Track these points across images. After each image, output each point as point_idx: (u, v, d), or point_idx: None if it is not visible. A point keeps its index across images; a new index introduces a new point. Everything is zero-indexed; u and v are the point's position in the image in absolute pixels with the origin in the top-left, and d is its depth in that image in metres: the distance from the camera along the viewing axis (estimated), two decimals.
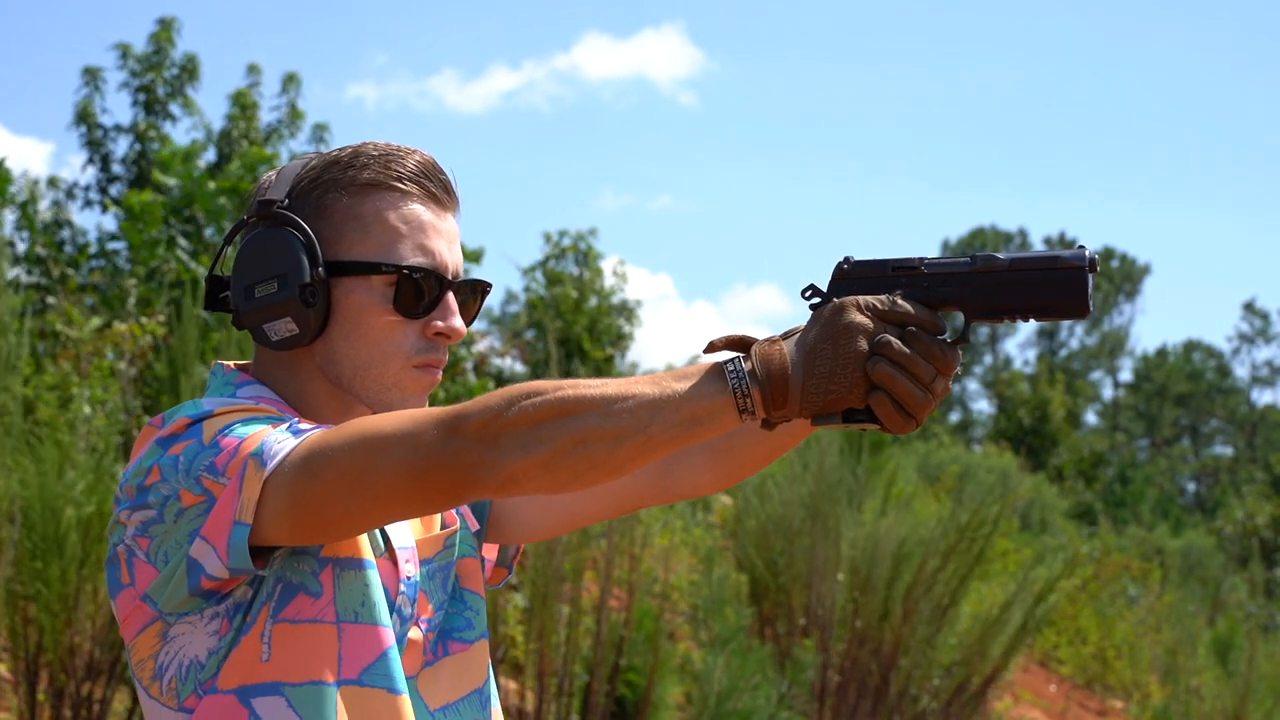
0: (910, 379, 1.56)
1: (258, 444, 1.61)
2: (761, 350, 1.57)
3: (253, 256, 1.76)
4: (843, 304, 1.58)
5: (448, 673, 1.81)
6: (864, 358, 1.56)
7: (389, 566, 1.76)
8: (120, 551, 1.69)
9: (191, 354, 6.11)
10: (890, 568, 8.05)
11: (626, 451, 1.54)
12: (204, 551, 1.62)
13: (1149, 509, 29.81)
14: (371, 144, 1.81)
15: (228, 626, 1.67)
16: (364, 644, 1.70)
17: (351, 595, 1.70)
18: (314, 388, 1.79)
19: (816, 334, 1.57)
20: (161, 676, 1.69)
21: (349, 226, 1.77)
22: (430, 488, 1.57)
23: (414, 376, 1.78)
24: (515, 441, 1.53)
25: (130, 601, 1.69)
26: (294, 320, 1.74)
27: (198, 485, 1.63)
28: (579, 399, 1.53)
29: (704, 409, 1.55)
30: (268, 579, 1.68)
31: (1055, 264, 1.60)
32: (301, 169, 1.80)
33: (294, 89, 13.03)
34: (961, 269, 1.62)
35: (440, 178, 1.82)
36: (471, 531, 1.91)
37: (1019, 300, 1.61)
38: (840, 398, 1.56)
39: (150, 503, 1.65)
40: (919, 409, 1.57)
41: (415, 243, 1.77)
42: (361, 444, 1.58)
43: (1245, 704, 10.46)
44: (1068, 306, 1.60)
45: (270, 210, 1.77)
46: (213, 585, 1.65)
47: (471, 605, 1.87)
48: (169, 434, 1.67)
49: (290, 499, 1.59)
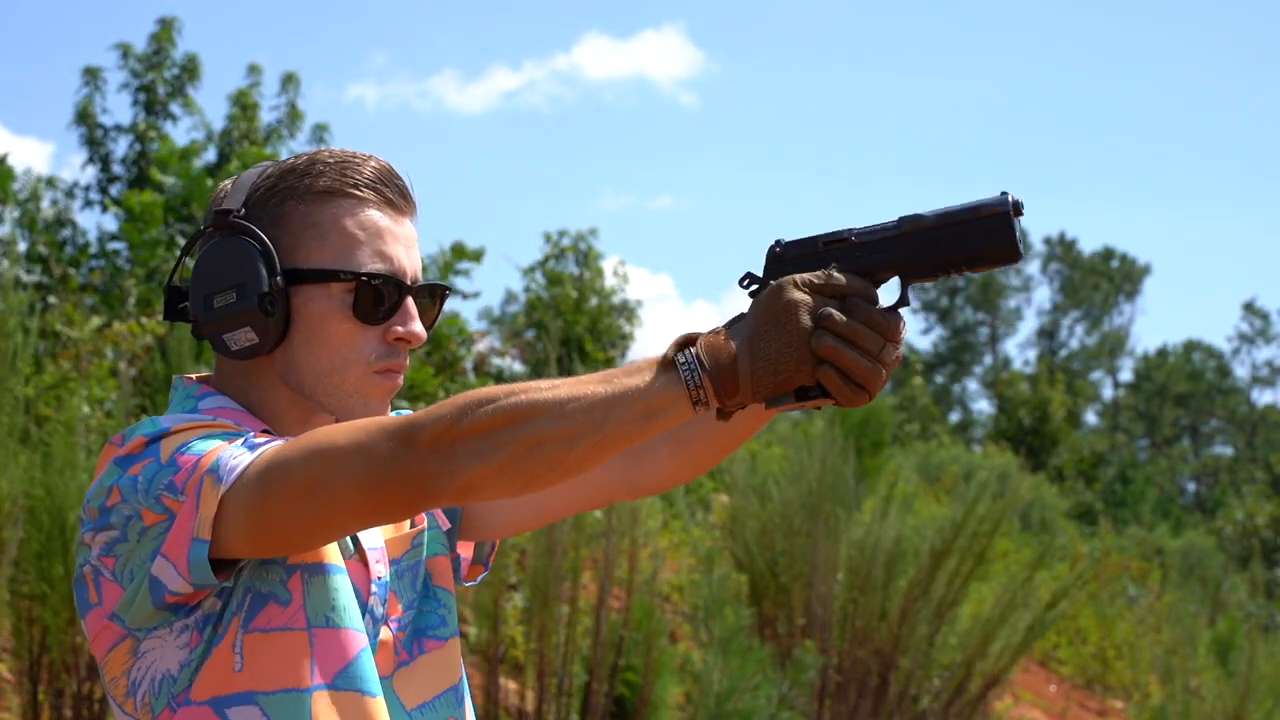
0: (855, 350, 1.56)
1: (214, 460, 1.62)
2: (707, 341, 1.57)
3: (210, 266, 1.76)
4: (780, 284, 1.58)
5: (423, 671, 1.82)
6: (807, 334, 1.56)
7: (359, 568, 1.76)
8: (87, 572, 1.69)
9: (187, 354, 6.11)
10: (889, 567, 8.05)
11: (582, 451, 1.55)
12: (164, 569, 1.63)
13: (1149, 509, 29.80)
14: (327, 151, 1.82)
15: (198, 639, 1.68)
16: (336, 648, 1.70)
17: (321, 600, 1.71)
18: (275, 395, 1.80)
19: (758, 316, 1.58)
20: (135, 693, 1.69)
21: (306, 234, 1.77)
22: (387, 499, 1.58)
23: (375, 382, 1.79)
24: (469, 450, 1.53)
25: (99, 620, 1.69)
26: (253, 329, 1.74)
27: (158, 504, 1.63)
28: (531, 404, 1.54)
29: (658, 403, 1.55)
30: (236, 589, 1.69)
31: (979, 212, 1.59)
32: (257, 178, 1.80)
33: (293, 89, 13.03)
34: (890, 233, 1.62)
35: (397, 183, 1.82)
36: (442, 530, 1.92)
37: (950, 254, 1.61)
38: (789, 377, 1.56)
39: (113, 523, 1.66)
40: (869, 379, 1.56)
41: (373, 249, 1.78)
42: (316, 457, 1.59)
43: (1245, 704, 10.45)
44: (999, 253, 1.59)
45: (227, 220, 1.77)
46: (177, 599, 1.65)
47: (444, 603, 1.88)
48: (127, 454, 1.68)
49: (248, 514, 1.60)
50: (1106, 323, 57.25)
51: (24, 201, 10.52)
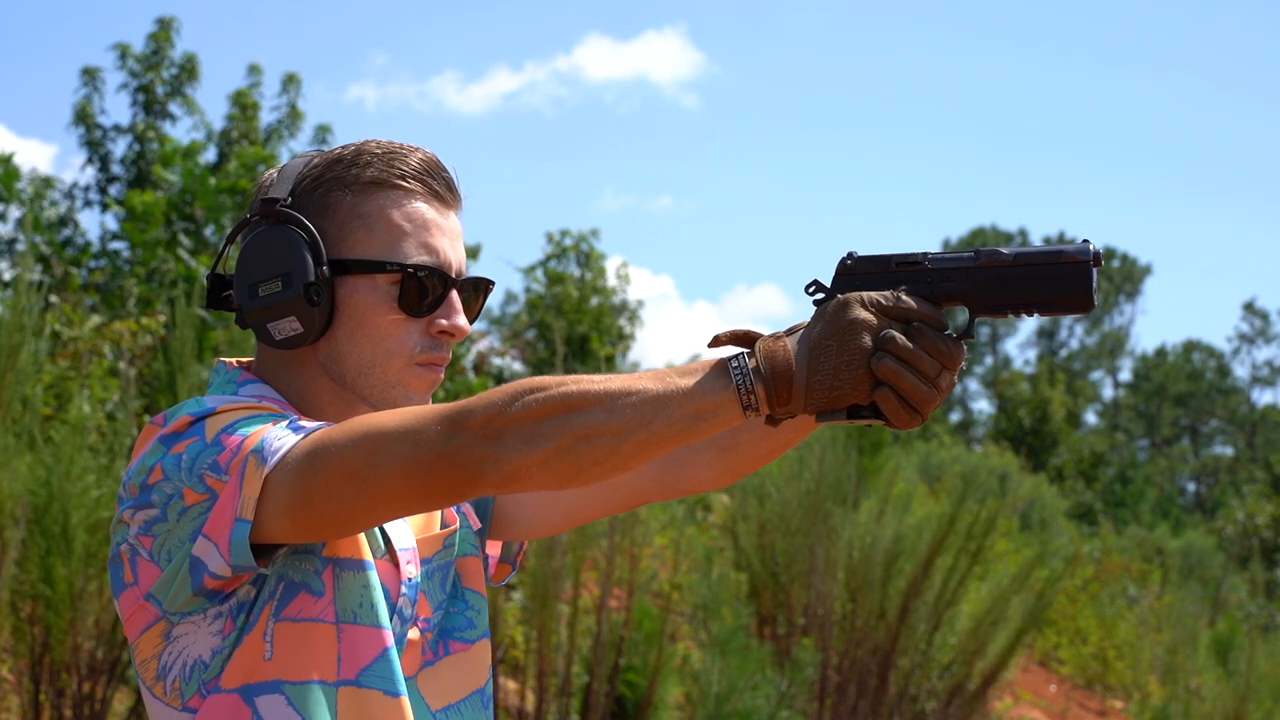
0: (915, 374, 1.55)
1: (259, 441, 1.61)
2: (766, 346, 1.56)
3: (256, 255, 1.76)
4: (847, 300, 1.57)
5: (448, 673, 1.81)
6: (868, 354, 1.55)
7: (389, 568, 1.75)
8: (124, 551, 1.68)
9: (189, 353, 6.10)
10: (887, 567, 8.05)
11: (630, 447, 1.54)
12: (206, 549, 1.62)
13: (1149, 509, 29.81)
14: (374, 142, 1.81)
15: (231, 626, 1.67)
16: (362, 645, 1.70)
17: (350, 596, 1.70)
18: (317, 386, 1.79)
19: (821, 330, 1.56)
20: (165, 676, 1.69)
21: (353, 225, 1.76)
22: (433, 483, 1.57)
23: (418, 374, 1.78)
24: (518, 437, 1.52)
25: (134, 601, 1.68)
26: (298, 319, 1.74)
27: (201, 484, 1.62)
28: (583, 394, 1.53)
29: (708, 405, 1.54)
30: (270, 578, 1.68)
31: (1059, 259, 1.59)
32: (304, 167, 1.80)
33: (294, 89, 13.03)
34: (965, 264, 1.61)
35: (443, 175, 1.81)
36: (473, 530, 1.90)
37: (1023, 295, 1.60)
38: (845, 394, 1.55)
39: (153, 501, 1.65)
40: (924, 404, 1.56)
41: (419, 241, 1.77)
42: (364, 440, 1.57)
43: (1245, 704, 10.45)
44: (1072, 301, 1.59)
45: (273, 209, 1.76)
46: (216, 585, 1.64)
47: (473, 604, 1.86)
48: (171, 432, 1.67)
49: (292, 496, 1.59)
50: (1106, 323, 57.23)
51: (28, 201, 10.53)
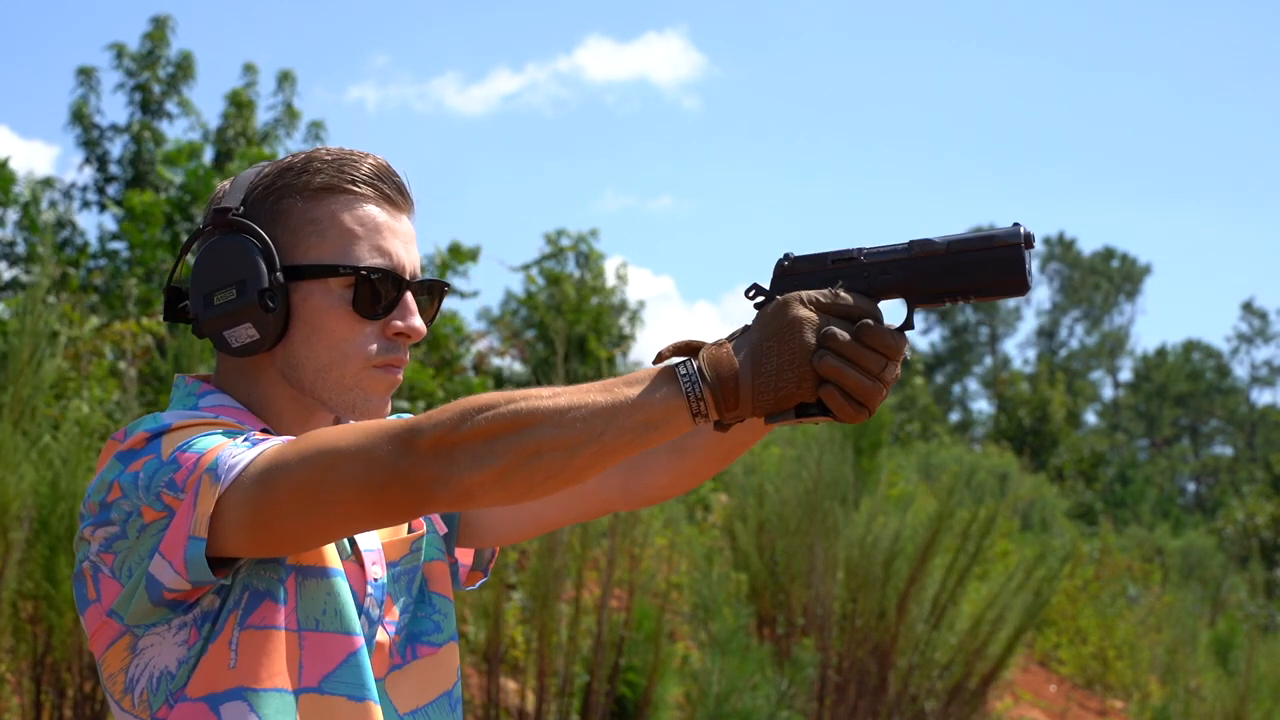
0: (857, 370, 1.56)
1: (214, 458, 1.62)
2: (709, 354, 1.57)
3: (210, 264, 1.77)
4: (785, 300, 1.58)
5: (417, 676, 1.82)
6: (810, 352, 1.56)
7: (356, 569, 1.77)
8: (86, 568, 1.70)
9: (196, 355, 6.12)
10: (887, 566, 8.05)
11: (581, 460, 1.55)
12: (161, 567, 1.63)
13: (1149, 509, 29.81)
14: (324, 149, 1.83)
15: (196, 636, 1.68)
16: (325, 651, 1.71)
17: (313, 603, 1.71)
18: (276, 393, 1.80)
19: (762, 332, 1.58)
20: (133, 689, 1.69)
21: (305, 230, 1.77)
22: (386, 502, 1.58)
23: (375, 377, 1.79)
24: (469, 455, 1.53)
25: (98, 617, 1.70)
26: (254, 326, 1.75)
27: (158, 501, 1.63)
28: (532, 411, 1.54)
29: (657, 414, 1.55)
30: (235, 586, 1.69)
31: (991, 243, 1.61)
32: (255, 176, 1.81)
33: (289, 88, 13.02)
34: (900, 255, 1.62)
35: (394, 179, 1.82)
36: (439, 535, 1.92)
37: (959, 282, 1.61)
38: (790, 394, 1.56)
39: (113, 519, 1.66)
40: (869, 398, 1.57)
41: (371, 244, 1.78)
42: (317, 459, 1.59)
43: (1245, 704, 10.45)
44: (1008, 284, 1.60)
45: (226, 218, 1.77)
46: (176, 596, 1.65)
47: (440, 608, 1.88)
48: (128, 448, 1.68)
49: (248, 514, 1.60)
50: (1106, 323, 57.25)
51: (24, 204, 10.52)
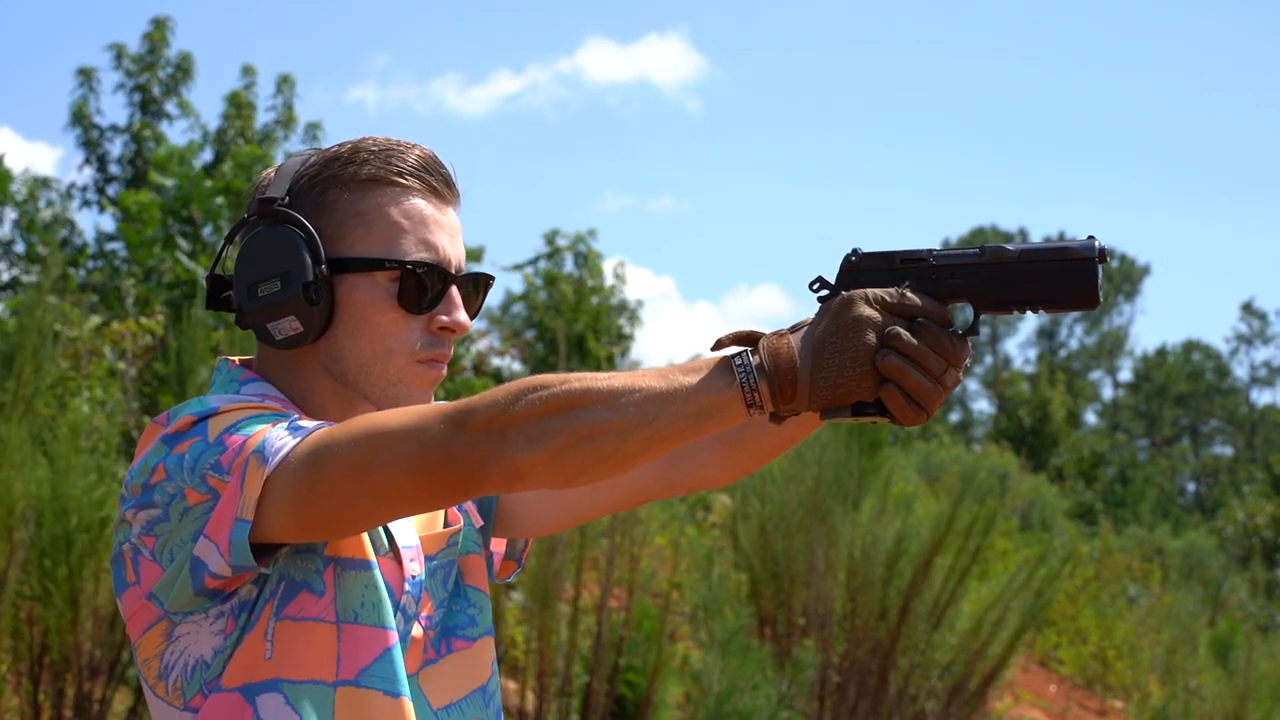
0: (920, 371, 1.54)
1: (260, 441, 1.60)
2: (769, 344, 1.55)
3: (255, 255, 1.75)
4: (851, 297, 1.56)
5: (450, 670, 1.80)
6: (873, 351, 1.54)
7: (393, 565, 1.75)
8: (125, 550, 1.68)
9: (198, 354, 6.12)
10: (888, 567, 8.05)
11: (633, 445, 1.53)
12: (207, 550, 1.62)
13: (1149, 509, 29.81)
14: (371, 139, 1.80)
15: (233, 625, 1.67)
16: (362, 645, 1.69)
17: (351, 596, 1.70)
18: (318, 385, 1.78)
19: (825, 327, 1.55)
20: (167, 676, 1.68)
21: (351, 223, 1.75)
22: (436, 483, 1.56)
23: (419, 372, 1.77)
24: (522, 435, 1.52)
25: (136, 600, 1.68)
26: (298, 318, 1.73)
27: (203, 484, 1.62)
28: (585, 392, 1.52)
29: (711, 402, 1.53)
30: (272, 577, 1.67)
31: (1065, 255, 1.58)
32: (301, 166, 1.79)
33: (288, 90, 13.01)
34: (970, 260, 1.61)
35: (441, 171, 1.80)
36: (475, 528, 1.90)
37: (1028, 292, 1.59)
38: (849, 391, 1.54)
39: (155, 501, 1.64)
40: (929, 401, 1.55)
41: (418, 238, 1.76)
42: (367, 440, 1.57)
43: (1245, 704, 10.45)
44: (1078, 297, 1.58)
45: (271, 208, 1.76)
46: (217, 584, 1.64)
47: (475, 602, 1.86)
48: (174, 432, 1.66)
49: (295, 496, 1.58)
50: (1106, 323, 57.25)
51: (22, 203, 10.52)
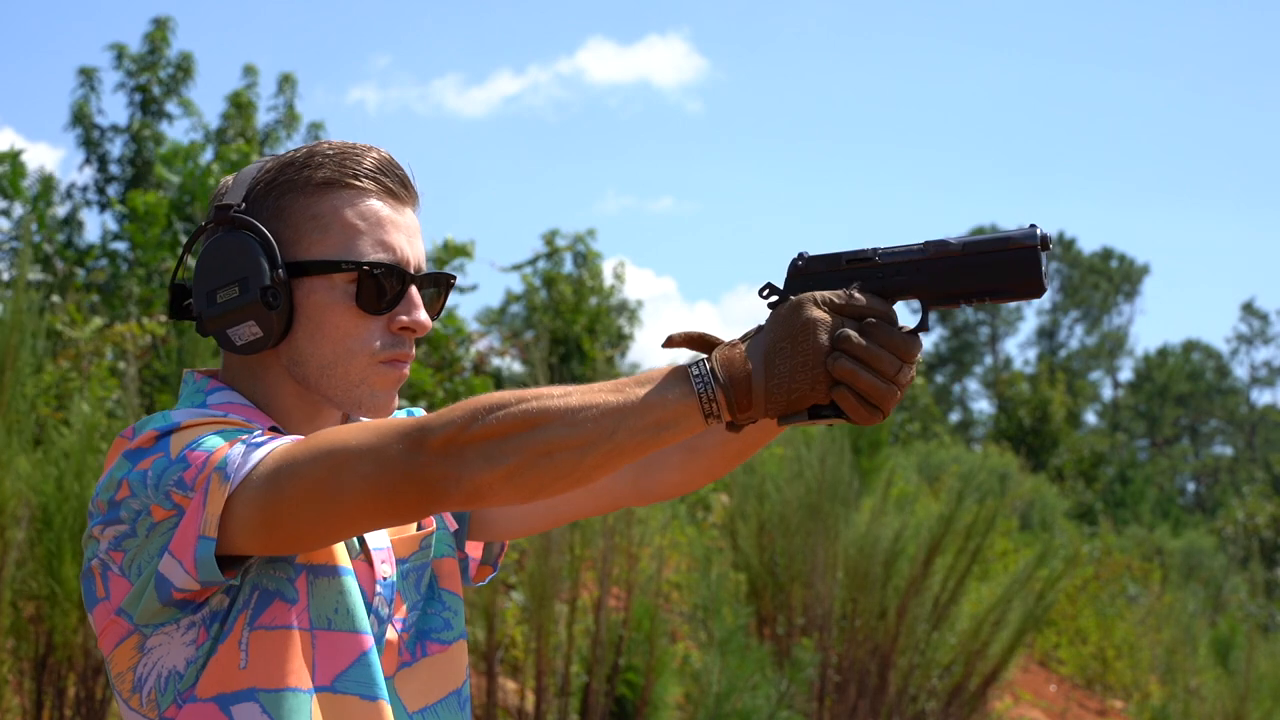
0: (871, 372, 1.55)
1: (222, 457, 1.61)
2: (723, 354, 1.56)
3: (212, 262, 1.76)
4: (799, 301, 1.57)
5: (425, 674, 1.81)
6: (824, 353, 1.55)
7: (365, 568, 1.76)
8: (95, 566, 1.69)
9: (200, 354, 6.12)
10: (887, 566, 8.05)
11: (593, 460, 1.54)
12: (171, 567, 1.63)
13: (1149, 509, 29.78)
14: (326, 143, 1.81)
15: (205, 635, 1.67)
16: (338, 650, 1.70)
17: (325, 602, 1.70)
18: (282, 390, 1.79)
19: (775, 333, 1.56)
20: (141, 688, 1.69)
21: (307, 226, 1.76)
22: (396, 501, 1.57)
23: (381, 372, 1.78)
24: (480, 455, 1.53)
25: (106, 615, 1.69)
26: (257, 323, 1.74)
27: (168, 500, 1.63)
28: (543, 410, 1.53)
29: (669, 414, 1.54)
30: (244, 586, 1.68)
31: (1007, 244, 1.59)
32: (257, 172, 1.80)
33: (290, 90, 13.01)
34: (915, 256, 1.61)
35: (397, 173, 1.81)
36: (449, 531, 1.91)
37: (974, 284, 1.60)
38: (804, 395, 1.55)
39: (122, 517, 1.65)
40: (883, 400, 1.56)
41: (375, 239, 1.77)
42: (326, 458, 1.58)
43: (1245, 704, 10.45)
44: (1023, 286, 1.59)
45: (228, 214, 1.77)
46: (184, 596, 1.65)
47: (450, 605, 1.87)
48: (136, 447, 1.67)
49: (259, 513, 1.59)
50: (1106, 323, 57.22)
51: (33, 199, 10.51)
